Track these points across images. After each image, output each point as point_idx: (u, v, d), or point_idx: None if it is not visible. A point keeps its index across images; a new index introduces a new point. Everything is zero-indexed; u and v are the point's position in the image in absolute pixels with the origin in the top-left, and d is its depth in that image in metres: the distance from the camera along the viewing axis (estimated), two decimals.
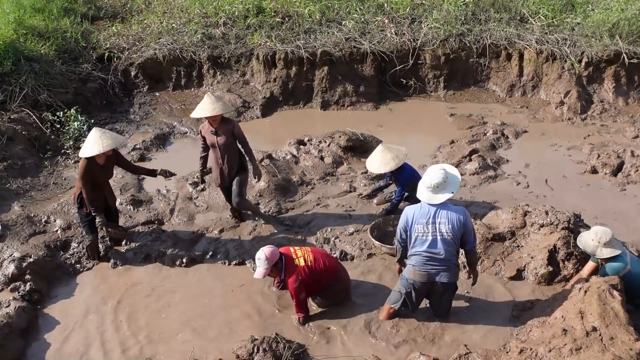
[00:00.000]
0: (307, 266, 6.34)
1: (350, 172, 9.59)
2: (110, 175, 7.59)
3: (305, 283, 6.30)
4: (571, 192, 8.94)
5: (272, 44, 12.35)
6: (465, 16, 12.84)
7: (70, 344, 6.41)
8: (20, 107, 10.69)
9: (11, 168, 9.48)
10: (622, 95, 11.74)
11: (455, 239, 5.87)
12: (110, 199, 7.65)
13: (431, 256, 5.92)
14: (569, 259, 6.85)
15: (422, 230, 5.89)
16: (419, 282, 6.05)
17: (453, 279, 6.11)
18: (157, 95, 12.60)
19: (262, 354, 5.82)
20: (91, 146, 7.02)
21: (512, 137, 10.68)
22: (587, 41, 11.94)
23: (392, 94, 12.43)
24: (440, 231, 5.84)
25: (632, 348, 5.02)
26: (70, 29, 12.92)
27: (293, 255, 6.41)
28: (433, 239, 5.88)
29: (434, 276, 6.00)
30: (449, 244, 5.88)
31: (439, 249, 5.88)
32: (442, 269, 5.98)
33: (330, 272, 6.54)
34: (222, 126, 7.76)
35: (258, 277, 6.27)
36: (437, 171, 5.90)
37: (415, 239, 5.95)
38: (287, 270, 6.30)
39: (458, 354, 5.83)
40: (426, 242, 5.90)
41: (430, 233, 5.87)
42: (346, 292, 6.79)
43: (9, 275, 7.17)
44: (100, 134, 7.09)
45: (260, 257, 6.22)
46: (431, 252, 5.91)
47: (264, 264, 6.19)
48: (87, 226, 7.56)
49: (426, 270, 5.99)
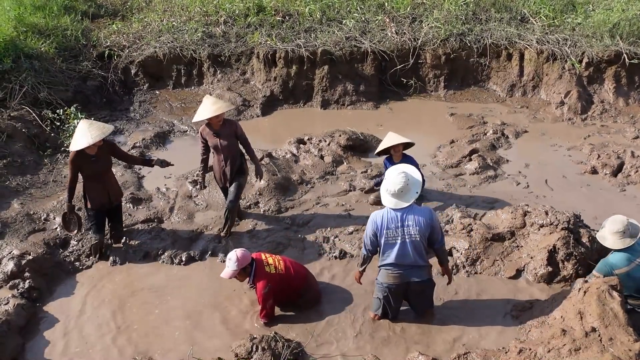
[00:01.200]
0: (277, 274, 6.40)
1: (350, 172, 9.58)
2: (106, 165, 7.58)
3: (274, 290, 6.35)
4: (571, 193, 8.93)
5: (272, 42, 12.34)
6: (465, 16, 12.84)
7: (68, 342, 6.40)
8: (20, 104, 10.70)
9: (11, 165, 9.48)
10: (623, 95, 11.72)
11: (423, 239, 5.94)
12: (113, 194, 7.68)
13: (402, 259, 5.97)
14: (568, 260, 6.85)
15: (392, 235, 5.94)
16: (394, 285, 6.08)
17: (427, 276, 6.15)
18: (157, 94, 12.60)
19: (260, 353, 5.82)
20: (80, 138, 7.08)
21: (512, 137, 10.67)
22: (587, 41, 11.93)
23: (393, 93, 12.43)
24: (409, 234, 5.90)
25: (631, 349, 5.01)
26: (70, 27, 12.93)
27: (264, 262, 6.45)
28: (402, 241, 5.93)
29: (407, 277, 6.03)
30: (418, 245, 5.94)
31: (409, 250, 5.93)
32: (414, 268, 6.03)
33: (301, 281, 6.61)
34: (224, 128, 7.74)
35: (224, 276, 6.37)
36: (398, 176, 5.87)
37: (385, 243, 5.99)
38: (257, 275, 6.35)
39: (457, 353, 5.83)
40: (396, 245, 5.94)
41: (399, 237, 5.92)
42: (317, 299, 6.82)
43: (8, 273, 7.17)
44: (88, 126, 7.15)
45: (231, 258, 6.31)
46: (402, 254, 5.95)
47: (233, 265, 6.28)
48: (95, 226, 7.60)
49: (399, 272, 6.03)
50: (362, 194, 8.89)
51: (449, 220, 8.00)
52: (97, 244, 7.62)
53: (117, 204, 7.84)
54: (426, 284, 6.21)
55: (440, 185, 9.11)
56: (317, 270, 7.34)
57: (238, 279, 6.47)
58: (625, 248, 6.07)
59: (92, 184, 7.44)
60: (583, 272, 6.73)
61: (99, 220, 7.60)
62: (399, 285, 6.08)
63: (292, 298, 6.64)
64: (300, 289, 6.62)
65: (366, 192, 8.88)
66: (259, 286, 6.31)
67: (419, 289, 6.18)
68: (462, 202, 8.61)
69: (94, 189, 7.46)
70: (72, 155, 7.27)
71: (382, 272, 6.14)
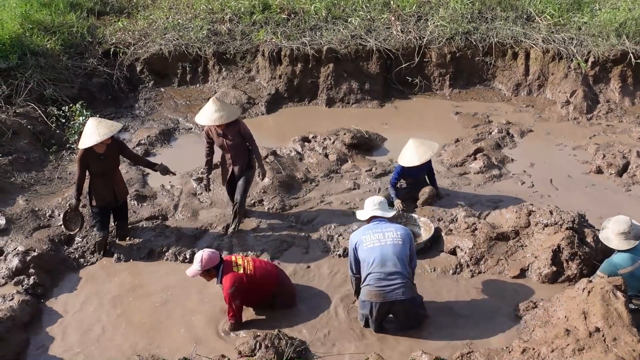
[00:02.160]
0: (245, 274, 6.35)
1: (355, 170, 9.58)
2: (114, 164, 7.61)
3: (240, 290, 6.28)
4: (576, 192, 8.91)
5: (277, 40, 12.35)
6: (471, 14, 12.80)
7: (72, 338, 6.43)
8: (25, 101, 10.73)
9: (16, 162, 9.50)
10: (629, 95, 11.68)
11: (405, 247, 6.08)
12: (119, 192, 7.70)
13: (382, 266, 5.97)
14: (572, 259, 6.84)
15: (371, 239, 6.10)
16: (377, 302, 6.02)
17: (410, 295, 6.05)
18: (162, 91, 12.62)
19: (264, 350, 5.82)
20: (89, 136, 7.11)
21: (517, 136, 10.65)
22: (593, 41, 11.89)
23: (398, 91, 12.41)
24: (391, 237, 6.08)
25: (635, 349, 5.00)
26: (76, 24, 12.95)
27: (233, 263, 6.42)
28: (383, 245, 6.05)
29: (389, 294, 5.96)
30: (399, 249, 6.04)
31: (390, 254, 6.00)
32: (397, 285, 5.97)
33: (270, 282, 6.56)
34: (229, 127, 7.73)
35: (189, 274, 6.39)
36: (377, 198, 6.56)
37: (366, 250, 6.07)
38: (224, 275, 6.31)
39: (460, 352, 5.82)
40: (375, 250, 6.03)
41: (378, 240, 6.07)
42: (292, 301, 6.80)
43: (12, 269, 7.20)
44: (97, 124, 7.19)
45: (197, 258, 6.33)
46: (382, 260, 5.98)
47: (197, 266, 6.30)
48: (99, 223, 7.61)
49: (381, 288, 5.97)
50: (366, 192, 8.87)
51: (453, 219, 7.98)
52: (101, 241, 7.64)
53: (122, 202, 7.86)
54: (410, 303, 6.11)
55: (445, 184, 9.09)
56: (321, 268, 7.35)
57: (203, 277, 6.45)
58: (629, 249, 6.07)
59: (98, 181, 7.45)
60: (587, 272, 6.71)
61: (103, 218, 7.61)
62: (383, 304, 6.01)
63: (265, 299, 6.61)
64: (271, 291, 6.57)
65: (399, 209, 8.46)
66: (225, 286, 6.27)
67: (403, 308, 6.11)
68: (466, 201, 8.60)
69: (100, 186, 7.47)
70: (80, 153, 7.31)
71: (364, 290, 6.11)
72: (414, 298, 6.14)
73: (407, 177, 8.68)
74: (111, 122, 7.41)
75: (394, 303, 6.01)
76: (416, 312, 6.27)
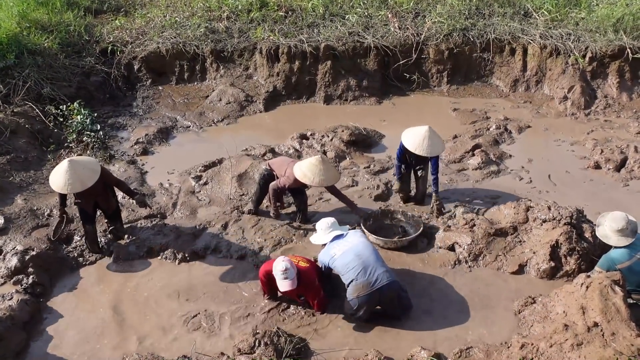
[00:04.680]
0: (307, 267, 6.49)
1: (353, 167, 9.58)
2: (99, 189, 7.45)
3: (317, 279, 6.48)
4: (574, 188, 8.92)
5: (275, 38, 12.34)
6: (469, 11, 12.81)
7: (72, 337, 6.44)
8: (23, 100, 10.72)
9: (14, 161, 9.51)
10: (626, 90, 11.68)
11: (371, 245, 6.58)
12: (103, 206, 7.76)
13: (362, 261, 6.21)
14: (571, 255, 6.85)
15: (340, 248, 6.41)
16: (363, 296, 6.11)
17: (393, 277, 6.26)
18: (160, 89, 12.61)
19: (263, 348, 5.84)
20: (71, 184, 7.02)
21: (515, 132, 10.66)
22: (591, 36, 11.89)
23: (396, 88, 12.41)
24: (353, 240, 6.50)
25: (633, 343, 5.02)
26: (73, 23, 12.94)
27: (294, 261, 6.46)
28: (352, 245, 6.39)
29: (376, 283, 6.09)
30: (367, 244, 6.51)
31: (363, 251, 6.32)
32: (380, 272, 6.16)
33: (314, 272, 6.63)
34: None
35: (288, 288, 6.25)
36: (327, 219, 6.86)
37: (343, 261, 6.30)
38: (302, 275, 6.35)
39: (459, 348, 5.85)
40: (348, 252, 6.31)
41: (345, 245, 6.42)
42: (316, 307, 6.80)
43: (12, 268, 7.20)
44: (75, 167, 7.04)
45: (287, 268, 6.20)
46: (359, 256, 6.26)
47: (292, 274, 6.22)
48: (83, 219, 7.63)
49: (366, 279, 6.12)
50: (365, 189, 8.87)
51: (452, 216, 7.99)
52: (87, 235, 7.66)
53: (110, 213, 7.87)
54: (397, 286, 6.27)
55: (443, 180, 9.09)
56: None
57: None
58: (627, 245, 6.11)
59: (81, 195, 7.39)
60: (586, 267, 6.73)
61: (86, 215, 7.62)
62: (370, 294, 6.10)
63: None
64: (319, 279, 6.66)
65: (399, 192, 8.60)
66: (309, 280, 6.34)
67: (390, 294, 6.20)
68: (464, 197, 8.61)
69: (81, 197, 7.44)
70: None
71: (351, 287, 6.19)
72: (397, 281, 6.30)
73: (410, 157, 8.35)
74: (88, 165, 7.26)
75: (382, 290, 6.11)
76: (405, 296, 6.43)
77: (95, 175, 7.14)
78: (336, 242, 6.56)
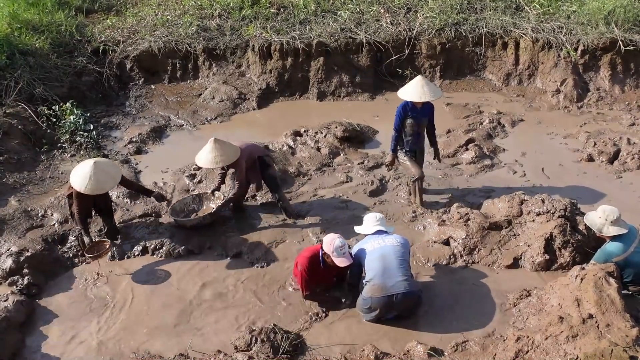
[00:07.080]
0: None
1: (347, 163, 9.59)
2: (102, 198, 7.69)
3: None
4: (567, 181, 8.95)
5: (267, 35, 12.32)
6: (460, 5, 12.81)
7: (67, 337, 6.42)
8: (15, 101, 10.67)
9: (7, 162, 9.47)
10: (618, 83, 11.71)
11: (404, 249, 6.36)
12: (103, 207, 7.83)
13: (385, 262, 6.15)
14: (565, 247, 6.88)
15: (371, 245, 6.37)
16: (377, 298, 6.09)
17: (412, 288, 6.16)
18: (153, 88, 12.58)
19: (260, 345, 5.84)
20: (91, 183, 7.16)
21: (508, 126, 10.68)
22: (583, 29, 11.91)
23: (388, 84, 12.39)
24: (388, 241, 6.37)
25: (628, 335, 5.04)
26: (64, 23, 12.88)
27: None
28: (382, 246, 6.28)
29: (391, 289, 6.04)
30: (399, 251, 6.28)
31: (390, 255, 6.20)
32: (399, 279, 6.08)
33: None
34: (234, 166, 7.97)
35: (347, 263, 6.33)
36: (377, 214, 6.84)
37: (369, 258, 6.26)
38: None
39: (455, 342, 5.88)
40: (376, 251, 6.26)
41: (379, 244, 6.34)
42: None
43: (6, 270, 7.18)
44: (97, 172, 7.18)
45: (344, 243, 6.32)
46: (383, 258, 6.17)
47: (347, 248, 6.36)
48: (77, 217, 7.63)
49: (383, 281, 6.06)
50: (359, 185, 8.89)
51: (446, 210, 8.01)
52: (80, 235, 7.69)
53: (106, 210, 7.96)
54: (412, 297, 6.22)
55: (437, 174, 9.12)
56: None
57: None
58: (620, 236, 6.18)
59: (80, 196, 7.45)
60: (580, 260, 6.75)
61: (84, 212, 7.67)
62: (383, 298, 6.05)
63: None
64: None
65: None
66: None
67: (405, 303, 6.17)
68: (458, 192, 8.63)
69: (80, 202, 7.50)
70: (75, 192, 7.36)
71: (367, 286, 6.18)
72: (414, 292, 6.23)
73: (410, 122, 8.22)
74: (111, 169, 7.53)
75: (396, 297, 6.05)
76: (417, 303, 6.42)
77: (114, 182, 7.45)
78: (374, 237, 6.49)
